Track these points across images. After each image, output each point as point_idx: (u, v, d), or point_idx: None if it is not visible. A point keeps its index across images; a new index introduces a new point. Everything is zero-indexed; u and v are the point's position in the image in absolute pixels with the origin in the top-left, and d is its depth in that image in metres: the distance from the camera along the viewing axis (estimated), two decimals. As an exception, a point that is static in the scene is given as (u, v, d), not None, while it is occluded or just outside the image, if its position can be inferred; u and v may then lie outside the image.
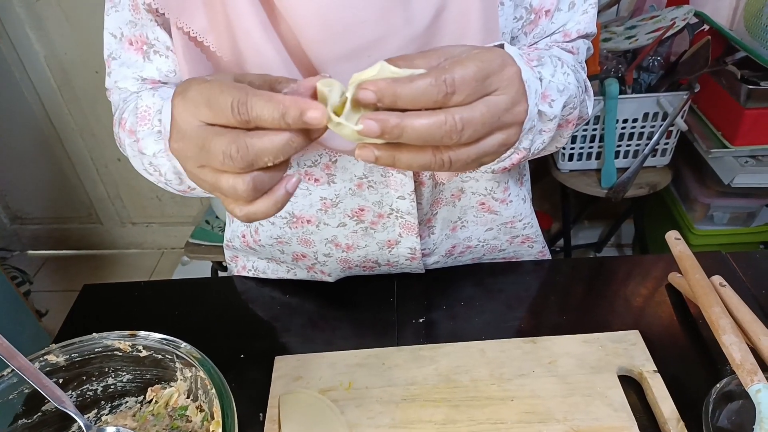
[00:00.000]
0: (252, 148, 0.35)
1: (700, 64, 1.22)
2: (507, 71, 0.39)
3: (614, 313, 0.65)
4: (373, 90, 0.35)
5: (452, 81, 0.35)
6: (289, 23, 0.50)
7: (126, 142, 0.56)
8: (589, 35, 0.61)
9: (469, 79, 0.36)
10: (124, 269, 2.10)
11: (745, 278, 0.68)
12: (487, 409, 0.54)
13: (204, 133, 0.37)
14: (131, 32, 0.56)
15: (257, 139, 0.35)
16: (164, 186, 0.56)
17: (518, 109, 0.40)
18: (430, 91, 0.35)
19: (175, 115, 0.39)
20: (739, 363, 0.49)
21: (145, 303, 0.72)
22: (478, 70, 0.36)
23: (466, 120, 0.36)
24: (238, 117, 0.35)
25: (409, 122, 0.35)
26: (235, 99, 0.34)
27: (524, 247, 0.76)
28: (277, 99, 0.34)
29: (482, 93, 0.37)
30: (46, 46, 1.70)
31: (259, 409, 0.56)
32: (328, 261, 0.69)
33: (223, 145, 0.35)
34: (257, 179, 0.36)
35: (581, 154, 1.42)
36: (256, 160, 0.35)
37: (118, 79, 0.59)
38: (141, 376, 0.52)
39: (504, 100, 0.38)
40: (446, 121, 0.35)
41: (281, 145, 0.35)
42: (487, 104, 0.37)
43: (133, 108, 0.54)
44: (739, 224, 1.45)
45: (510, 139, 0.40)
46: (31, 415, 0.49)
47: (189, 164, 0.40)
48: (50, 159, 1.95)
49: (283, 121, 0.34)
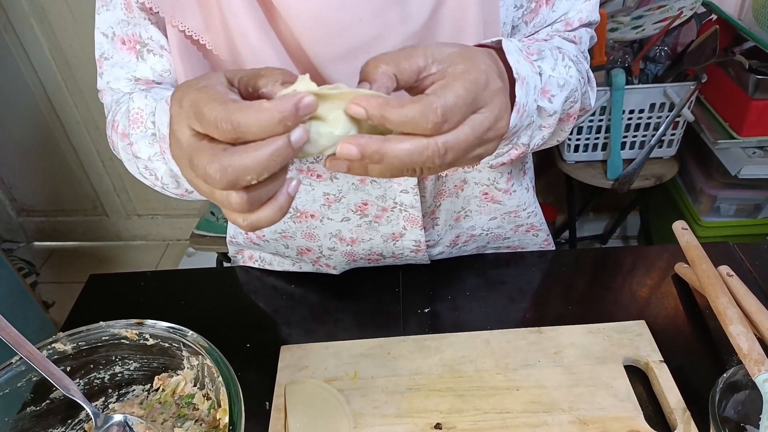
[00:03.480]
0: (231, 169, 0.32)
1: (707, 54, 1.21)
2: (491, 87, 0.38)
3: (620, 304, 0.65)
4: (365, 107, 0.34)
5: (444, 111, 0.34)
6: (286, 22, 0.49)
7: (119, 145, 0.55)
8: (592, 23, 0.60)
9: (461, 105, 0.35)
10: (129, 261, 2.11)
11: (753, 269, 0.67)
12: (492, 398, 0.54)
13: (192, 145, 0.35)
14: (123, 31, 0.55)
15: (237, 157, 0.32)
16: (161, 190, 0.55)
17: (500, 125, 0.39)
18: (420, 121, 0.34)
19: (172, 122, 0.37)
20: (746, 353, 0.49)
21: (151, 293, 0.72)
22: (467, 94, 0.36)
23: (450, 145, 0.35)
24: (224, 134, 0.33)
25: (390, 148, 0.34)
26: (218, 117, 0.32)
27: (529, 235, 0.76)
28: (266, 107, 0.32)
29: (469, 114, 0.36)
30: (50, 38, 1.70)
31: (265, 399, 0.56)
32: (333, 255, 0.69)
33: (203, 164, 0.33)
34: (252, 192, 0.34)
35: (587, 145, 1.41)
36: (238, 180, 0.33)
37: (110, 79, 0.57)
38: (148, 365, 0.53)
39: (488, 119, 0.37)
40: (428, 146, 0.35)
41: (264, 161, 0.32)
42: (471, 126, 0.36)
43: (125, 111, 0.53)
44: (746, 216, 1.44)
45: (487, 151, 0.40)
46: (39, 402, 0.50)
47: (187, 173, 0.38)
48: (55, 152, 1.95)
49: (281, 125, 0.32)
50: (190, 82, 0.37)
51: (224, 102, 0.33)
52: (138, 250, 2.16)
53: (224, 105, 0.33)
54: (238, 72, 0.38)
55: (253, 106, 0.32)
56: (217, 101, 0.33)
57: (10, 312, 1.40)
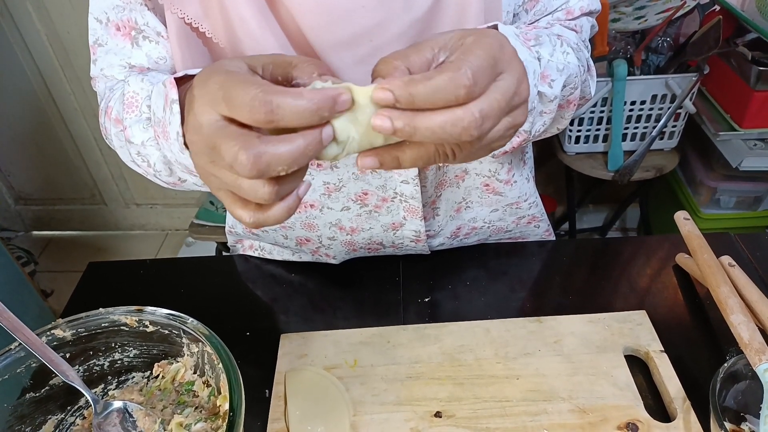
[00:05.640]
0: (265, 156, 0.32)
1: (709, 45, 1.20)
2: (507, 50, 0.37)
3: (620, 294, 0.65)
4: (390, 89, 0.33)
5: (473, 73, 0.33)
6: (288, 8, 0.49)
7: (112, 132, 0.53)
8: (593, 12, 0.59)
9: (485, 67, 0.34)
10: (128, 250, 2.11)
11: (753, 259, 0.67)
12: (491, 387, 0.54)
13: (218, 131, 0.34)
14: (118, 17, 0.53)
15: (272, 145, 0.32)
16: (153, 178, 0.53)
17: (522, 87, 0.38)
18: (450, 87, 0.33)
19: (194, 105, 0.36)
20: (747, 342, 0.49)
21: (150, 281, 0.72)
22: (487, 56, 0.35)
23: (486, 112, 0.34)
24: (258, 116, 0.32)
25: (422, 120, 0.33)
26: (256, 97, 0.31)
27: (530, 227, 0.75)
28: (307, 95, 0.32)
29: (493, 78, 0.36)
30: (47, 24, 1.69)
31: (265, 386, 0.56)
32: (332, 244, 0.69)
33: (233, 150, 0.32)
34: (280, 185, 0.34)
35: (588, 136, 1.41)
36: (269, 169, 0.32)
37: (104, 66, 0.56)
38: (148, 352, 0.52)
39: (511, 83, 0.36)
40: (464, 116, 0.33)
41: (299, 152, 0.32)
42: (499, 90, 0.35)
43: (120, 95, 0.52)
44: (745, 208, 1.44)
45: (517, 119, 0.39)
46: (39, 389, 0.49)
47: (202, 159, 0.37)
48: (53, 140, 1.94)
49: (317, 115, 0.32)
50: (212, 67, 0.36)
51: (261, 84, 0.32)
52: (137, 240, 2.16)
53: (262, 87, 0.32)
54: (260, 59, 0.37)
55: (291, 91, 0.32)
56: (253, 83, 0.32)
57: (8, 300, 1.38)
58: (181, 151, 0.43)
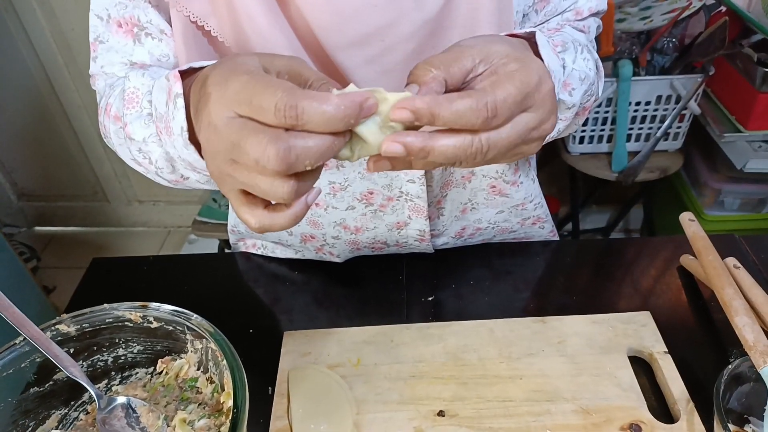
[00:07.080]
0: (294, 149, 0.32)
1: (715, 46, 1.20)
2: (543, 89, 0.38)
3: (624, 295, 0.65)
4: (411, 110, 0.34)
5: (494, 106, 0.34)
6: (298, 6, 0.48)
7: (111, 129, 0.53)
8: (600, 13, 0.60)
9: (510, 103, 0.35)
10: (131, 247, 2.11)
11: (758, 261, 0.67)
12: (495, 387, 0.54)
13: (239, 127, 0.33)
14: (120, 14, 0.53)
15: (301, 140, 0.32)
16: (154, 176, 0.53)
17: (545, 126, 0.39)
18: (470, 116, 0.34)
19: (210, 104, 0.35)
20: (751, 344, 0.48)
21: (153, 278, 0.72)
22: (518, 93, 0.36)
23: (493, 142, 0.36)
24: (284, 120, 0.32)
25: (437, 144, 0.35)
26: (283, 100, 0.31)
27: (535, 228, 0.75)
28: (334, 101, 0.32)
29: (518, 113, 0.36)
30: (51, 21, 1.69)
31: (268, 384, 0.56)
32: (336, 243, 0.69)
33: (261, 144, 0.32)
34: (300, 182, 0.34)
35: (592, 136, 1.40)
36: (296, 164, 0.32)
37: (104, 63, 0.55)
38: (151, 348, 0.52)
39: (533, 119, 0.37)
40: (472, 143, 0.35)
41: (326, 147, 0.33)
42: (516, 125, 0.36)
43: (120, 92, 0.51)
44: (750, 210, 1.44)
45: (529, 150, 0.40)
46: (43, 383, 0.49)
47: (217, 158, 0.36)
48: (56, 136, 1.94)
49: (343, 122, 0.32)
50: (228, 65, 0.36)
51: (289, 88, 0.32)
52: (139, 237, 2.16)
53: (290, 91, 0.32)
54: (274, 63, 0.37)
55: (320, 96, 0.32)
56: (279, 87, 0.32)
57: (10, 296, 1.39)
58: (185, 146, 0.43)
